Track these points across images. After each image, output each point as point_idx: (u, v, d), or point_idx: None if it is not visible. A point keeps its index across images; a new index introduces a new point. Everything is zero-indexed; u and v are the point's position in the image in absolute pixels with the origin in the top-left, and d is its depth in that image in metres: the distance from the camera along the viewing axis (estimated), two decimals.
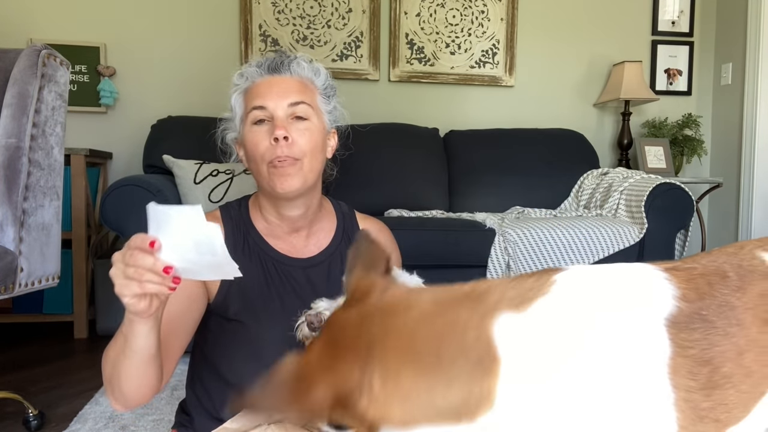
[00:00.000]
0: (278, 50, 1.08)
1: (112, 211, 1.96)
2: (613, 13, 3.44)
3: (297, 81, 1.01)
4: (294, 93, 0.99)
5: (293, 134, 0.97)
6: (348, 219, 1.17)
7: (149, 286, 0.68)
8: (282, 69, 1.00)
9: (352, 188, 2.76)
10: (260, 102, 0.98)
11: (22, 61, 1.56)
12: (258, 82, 1.00)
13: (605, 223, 2.38)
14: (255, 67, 1.01)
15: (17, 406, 1.65)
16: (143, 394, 0.86)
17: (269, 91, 0.98)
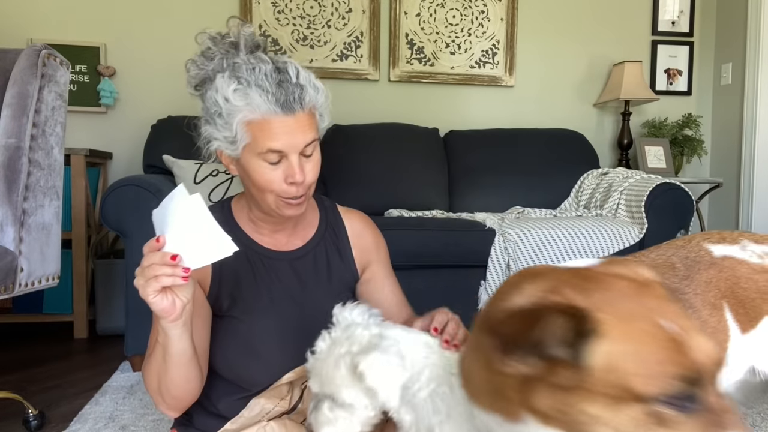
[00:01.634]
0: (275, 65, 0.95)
1: (112, 211, 1.96)
2: (613, 13, 3.44)
3: (308, 115, 0.96)
4: (308, 132, 0.95)
5: (305, 169, 0.96)
6: (330, 212, 1.16)
7: (164, 279, 0.77)
8: (295, 105, 0.93)
9: (353, 188, 2.76)
10: (276, 146, 0.92)
11: (22, 61, 1.56)
12: (270, 120, 0.91)
13: (605, 223, 2.38)
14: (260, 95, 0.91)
15: (17, 406, 1.65)
16: (192, 393, 0.97)
17: (284, 133, 0.92)
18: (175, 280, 0.78)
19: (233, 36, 0.98)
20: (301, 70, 0.97)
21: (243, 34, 0.98)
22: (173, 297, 0.80)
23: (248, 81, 0.92)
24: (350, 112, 3.12)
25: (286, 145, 0.93)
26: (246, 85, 0.92)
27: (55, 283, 1.67)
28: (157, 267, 0.77)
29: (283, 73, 0.94)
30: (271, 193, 0.97)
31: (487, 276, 2.25)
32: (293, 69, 0.95)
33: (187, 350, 0.88)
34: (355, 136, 2.89)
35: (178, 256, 0.77)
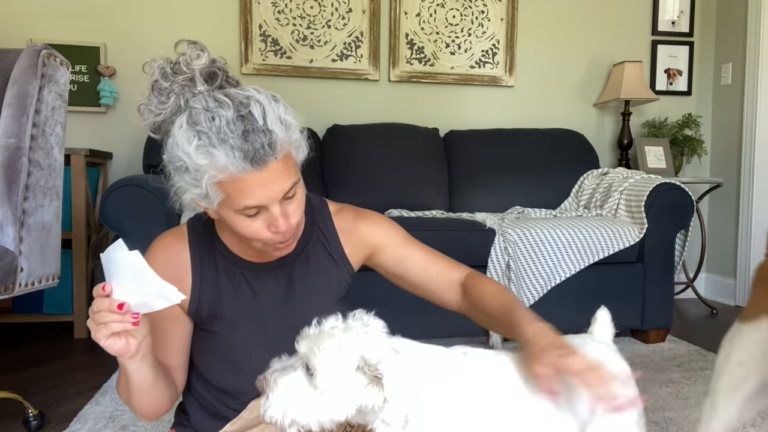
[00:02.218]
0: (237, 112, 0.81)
1: (112, 211, 1.96)
2: (613, 13, 3.44)
3: (283, 161, 0.85)
4: (286, 179, 0.86)
5: (289, 213, 0.89)
6: (319, 212, 1.10)
7: (113, 326, 0.78)
8: (267, 158, 0.82)
9: (353, 188, 2.76)
10: (253, 202, 0.84)
11: (22, 61, 1.56)
12: (240, 178, 0.82)
13: (605, 223, 2.38)
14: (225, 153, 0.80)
15: (17, 406, 1.65)
16: (162, 408, 0.98)
17: (260, 189, 0.83)
18: (125, 326, 0.78)
19: (185, 67, 0.88)
20: (268, 106, 0.84)
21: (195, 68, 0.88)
22: (126, 338, 0.81)
23: (209, 136, 0.80)
24: (350, 112, 3.12)
25: (263, 199, 0.84)
26: (208, 141, 0.80)
27: (55, 283, 1.67)
28: (106, 314, 0.78)
29: (247, 120, 0.81)
30: (257, 242, 0.91)
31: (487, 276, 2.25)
32: (258, 110, 0.83)
33: (147, 378, 0.89)
34: (355, 136, 2.89)
35: (125, 305, 0.78)
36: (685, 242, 2.57)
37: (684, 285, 3.33)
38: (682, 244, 2.57)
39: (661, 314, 2.43)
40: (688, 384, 1.97)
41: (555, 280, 2.30)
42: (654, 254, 2.41)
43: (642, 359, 2.24)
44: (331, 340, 0.74)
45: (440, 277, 1.11)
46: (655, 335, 2.46)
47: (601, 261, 2.34)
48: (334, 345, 0.74)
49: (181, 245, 1.02)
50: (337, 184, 2.78)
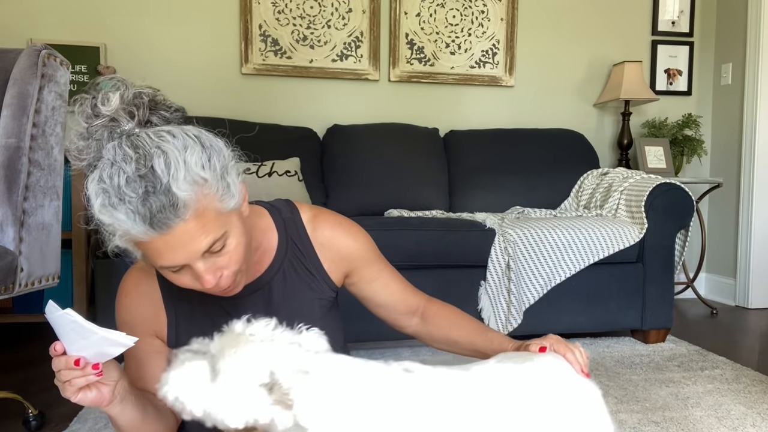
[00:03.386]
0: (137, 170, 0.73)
1: None
2: (613, 13, 3.44)
3: (193, 221, 0.75)
4: (201, 239, 0.77)
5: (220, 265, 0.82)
6: (291, 224, 1.02)
7: (77, 381, 0.77)
8: (170, 222, 0.74)
9: (353, 188, 2.76)
10: (167, 263, 0.78)
11: (22, 61, 1.56)
12: (146, 242, 0.75)
13: (605, 223, 2.38)
14: (126, 217, 0.73)
15: (17, 406, 1.65)
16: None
17: (171, 252, 0.76)
18: (88, 379, 0.77)
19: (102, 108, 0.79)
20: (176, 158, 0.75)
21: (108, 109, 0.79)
22: (97, 389, 0.80)
23: (110, 195, 0.73)
24: (350, 112, 3.12)
25: (176, 260, 0.77)
26: (108, 201, 0.74)
27: (55, 283, 1.67)
28: (66, 372, 0.77)
29: (146, 179, 0.73)
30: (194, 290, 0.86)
31: (487, 276, 2.25)
32: (161, 165, 0.73)
33: (134, 418, 0.87)
34: (355, 136, 2.89)
35: (81, 359, 0.76)
36: (685, 242, 2.57)
37: (684, 285, 3.33)
38: (682, 244, 2.57)
39: (661, 314, 2.43)
40: (688, 384, 1.97)
41: (555, 280, 2.30)
42: (654, 254, 2.41)
43: (642, 359, 2.24)
44: (245, 348, 0.70)
45: (405, 301, 1.10)
46: (655, 335, 2.46)
47: (601, 261, 2.34)
48: (245, 354, 0.69)
49: (150, 280, 0.97)
50: (337, 184, 2.78)
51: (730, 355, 2.31)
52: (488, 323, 2.24)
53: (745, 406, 1.77)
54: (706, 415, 1.71)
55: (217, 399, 0.69)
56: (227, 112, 2.86)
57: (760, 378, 2.02)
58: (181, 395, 0.70)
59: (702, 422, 1.65)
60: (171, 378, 0.71)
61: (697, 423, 1.65)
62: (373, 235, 1.18)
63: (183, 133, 0.80)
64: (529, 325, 2.30)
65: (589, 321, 2.39)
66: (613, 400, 1.80)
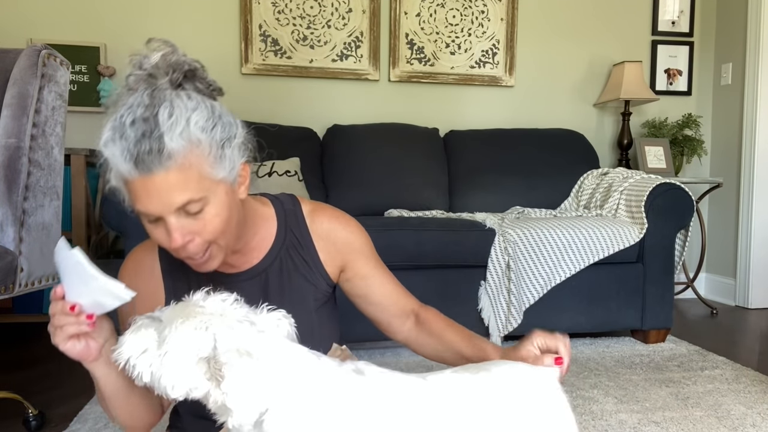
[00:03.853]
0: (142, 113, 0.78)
1: (112, 210, 1.96)
2: (613, 13, 3.44)
3: (175, 173, 0.78)
4: (177, 193, 0.79)
5: (193, 229, 0.82)
6: (291, 215, 1.04)
7: (68, 329, 0.78)
8: (152, 165, 0.77)
9: (353, 188, 2.76)
10: (142, 209, 0.80)
11: (22, 61, 1.56)
12: (130, 181, 0.79)
13: (605, 223, 2.38)
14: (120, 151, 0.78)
15: (17, 406, 1.65)
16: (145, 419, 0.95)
17: (146, 197, 0.79)
18: (80, 328, 0.78)
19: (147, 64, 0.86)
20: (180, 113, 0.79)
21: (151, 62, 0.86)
22: (86, 341, 0.81)
23: (115, 131, 0.79)
24: (350, 112, 3.12)
25: (150, 208, 0.79)
26: (111, 136, 0.79)
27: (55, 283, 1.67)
28: (60, 317, 0.77)
29: (148, 123, 0.78)
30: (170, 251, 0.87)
31: (487, 276, 2.25)
32: (164, 115, 0.78)
33: (119, 385, 0.87)
34: (355, 136, 2.89)
35: (77, 306, 0.77)
36: (685, 242, 2.57)
37: (684, 285, 3.33)
38: (682, 244, 2.57)
39: (661, 314, 2.43)
40: (688, 384, 1.97)
41: (555, 280, 2.30)
42: (654, 254, 2.41)
43: (642, 359, 2.24)
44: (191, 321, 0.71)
45: (398, 303, 1.08)
46: (655, 335, 2.46)
47: (601, 261, 2.34)
48: (189, 327, 0.70)
49: (152, 258, 1.00)
50: (337, 184, 2.78)
51: (730, 355, 2.31)
52: (488, 323, 2.24)
53: (745, 406, 1.77)
54: (706, 415, 1.71)
55: (160, 367, 0.70)
56: None
57: (760, 378, 2.02)
58: (132, 359, 0.71)
59: (702, 422, 1.65)
60: (125, 341, 0.72)
61: (697, 423, 1.65)
62: (373, 235, 1.18)
63: (200, 99, 0.84)
64: (529, 325, 2.30)
65: (589, 321, 2.39)
66: (613, 400, 1.80)
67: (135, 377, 0.71)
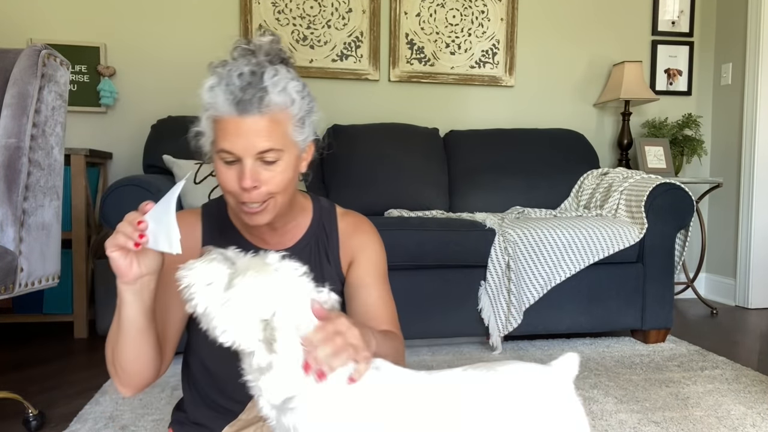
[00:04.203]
0: (252, 68, 0.92)
1: (112, 211, 1.96)
2: (613, 13, 3.44)
3: (267, 121, 0.91)
4: (263, 138, 0.91)
5: (262, 177, 0.93)
6: (326, 213, 1.14)
7: (120, 237, 0.81)
8: (251, 108, 0.89)
9: (353, 188, 2.76)
10: (228, 146, 0.91)
11: (22, 61, 1.56)
12: (226, 118, 0.91)
13: (605, 223, 2.38)
14: (224, 94, 0.91)
15: (17, 406, 1.65)
16: (143, 370, 0.95)
17: (236, 135, 0.90)
18: (127, 242, 0.81)
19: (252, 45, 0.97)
20: (282, 77, 0.93)
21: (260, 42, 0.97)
22: (132, 260, 0.83)
23: (221, 78, 0.92)
24: (350, 112, 3.12)
25: (236, 147, 0.91)
26: (217, 82, 0.92)
27: (55, 283, 1.67)
28: (124, 224, 0.81)
29: (254, 77, 0.91)
30: (230, 196, 0.96)
31: (487, 276, 2.25)
32: (269, 75, 0.92)
33: (137, 320, 0.89)
34: (355, 136, 2.89)
35: (144, 223, 0.81)
36: (685, 242, 2.57)
37: (684, 285, 3.33)
38: (682, 244, 2.57)
39: (661, 314, 2.43)
40: (688, 384, 1.97)
41: (555, 280, 2.30)
42: (654, 254, 2.41)
43: (642, 359, 2.24)
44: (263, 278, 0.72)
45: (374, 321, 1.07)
46: (655, 335, 2.46)
47: (601, 261, 2.34)
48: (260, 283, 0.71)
49: (195, 223, 1.09)
50: (337, 184, 2.78)
51: (730, 355, 2.31)
52: (488, 323, 2.25)
53: (745, 406, 1.77)
54: (706, 415, 1.71)
55: (218, 308, 0.71)
56: None
57: (760, 378, 2.02)
58: (193, 286, 0.72)
59: (702, 422, 1.65)
60: (194, 266, 0.74)
61: (697, 423, 1.65)
62: None
63: (296, 75, 0.99)
64: (529, 325, 2.30)
65: (589, 321, 2.39)
66: (613, 400, 1.80)
67: (189, 304, 0.73)
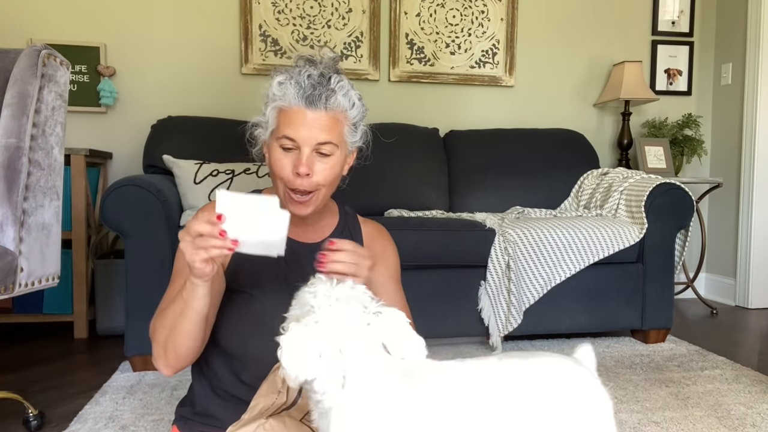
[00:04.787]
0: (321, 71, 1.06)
1: (112, 211, 1.96)
2: (613, 13, 3.44)
3: (330, 117, 1.04)
4: (324, 132, 1.03)
5: (314, 168, 1.04)
6: (350, 217, 1.26)
7: (213, 251, 0.86)
8: (318, 103, 1.03)
9: (352, 188, 2.74)
10: (291, 133, 1.03)
11: (22, 61, 1.56)
12: (293, 109, 1.03)
13: (605, 223, 2.38)
14: (294, 88, 1.03)
15: (17, 406, 1.65)
16: (193, 353, 1.04)
17: (301, 125, 1.02)
18: (223, 251, 0.87)
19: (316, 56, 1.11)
20: (345, 84, 1.06)
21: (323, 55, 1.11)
22: (214, 262, 0.90)
23: (292, 77, 1.04)
24: None
25: (299, 135, 1.02)
26: (288, 78, 1.04)
27: (55, 283, 1.67)
28: (209, 239, 0.86)
29: (323, 79, 1.04)
30: (280, 182, 1.06)
31: (487, 276, 2.25)
32: (335, 80, 1.05)
33: (204, 309, 0.97)
34: None
35: (226, 233, 0.86)
36: (685, 242, 2.57)
37: (684, 285, 3.33)
38: (682, 244, 2.57)
39: (661, 314, 2.43)
40: (688, 384, 1.97)
41: (555, 280, 2.30)
42: (654, 254, 2.41)
43: (642, 359, 2.24)
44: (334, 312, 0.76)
45: None
46: (655, 335, 2.46)
47: (601, 261, 2.34)
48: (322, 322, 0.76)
49: None
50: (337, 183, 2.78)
51: (730, 355, 2.31)
52: (488, 323, 2.25)
53: (745, 406, 1.77)
54: (706, 415, 1.71)
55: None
56: (227, 111, 2.86)
57: (760, 378, 2.02)
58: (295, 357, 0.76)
59: (702, 422, 1.65)
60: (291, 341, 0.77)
61: (697, 423, 1.65)
62: None
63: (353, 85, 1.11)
64: (529, 325, 2.30)
65: (589, 321, 2.39)
66: (613, 400, 1.80)
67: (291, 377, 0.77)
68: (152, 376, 2.02)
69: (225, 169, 2.33)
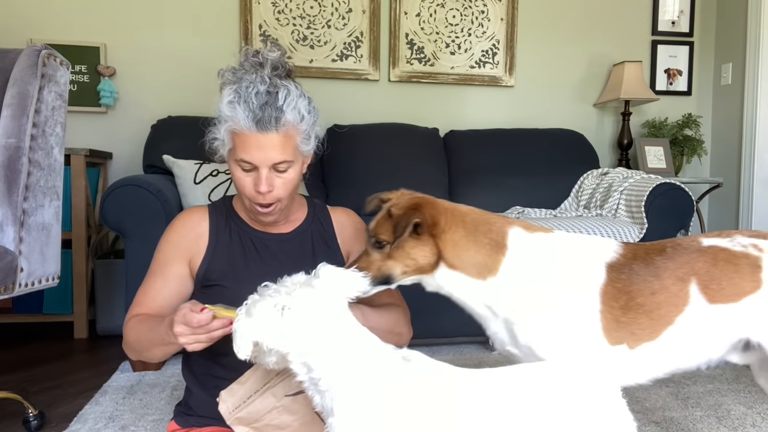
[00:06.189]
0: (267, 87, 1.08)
1: (112, 211, 1.96)
2: (613, 13, 3.44)
3: (282, 136, 1.07)
4: (278, 152, 1.07)
5: (274, 184, 1.09)
6: (319, 208, 1.32)
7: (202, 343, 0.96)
8: (269, 126, 1.05)
9: (352, 188, 2.76)
10: (247, 158, 1.07)
11: (22, 61, 1.56)
12: (245, 134, 1.06)
13: (605, 223, 2.38)
14: (244, 112, 1.04)
15: (17, 406, 1.65)
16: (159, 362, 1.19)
17: (255, 149, 1.06)
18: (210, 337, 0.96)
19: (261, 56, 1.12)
20: (293, 96, 1.09)
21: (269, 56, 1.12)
22: None
23: (240, 96, 1.06)
24: (350, 112, 3.12)
25: (255, 158, 1.07)
26: (237, 100, 1.06)
27: (55, 283, 1.67)
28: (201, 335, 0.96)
29: (270, 97, 1.06)
30: (245, 198, 1.13)
31: None
32: (283, 95, 1.07)
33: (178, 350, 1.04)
34: (355, 136, 2.89)
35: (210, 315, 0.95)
36: None
37: None
38: None
39: None
40: (688, 384, 1.97)
41: None
42: None
43: None
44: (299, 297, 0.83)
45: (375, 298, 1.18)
46: None
47: None
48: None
49: (202, 214, 1.23)
50: (337, 184, 2.78)
51: None
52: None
53: (745, 406, 1.77)
54: (706, 415, 1.71)
55: None
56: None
57: None
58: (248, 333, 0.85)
59: (702, 422, 1.65)
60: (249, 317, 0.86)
61: (697, 423, 1.65)
62: None
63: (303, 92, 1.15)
64: None
65: None
66: None
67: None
68: (152, 376, 2.02)
69: (225, 169, 2.33)
